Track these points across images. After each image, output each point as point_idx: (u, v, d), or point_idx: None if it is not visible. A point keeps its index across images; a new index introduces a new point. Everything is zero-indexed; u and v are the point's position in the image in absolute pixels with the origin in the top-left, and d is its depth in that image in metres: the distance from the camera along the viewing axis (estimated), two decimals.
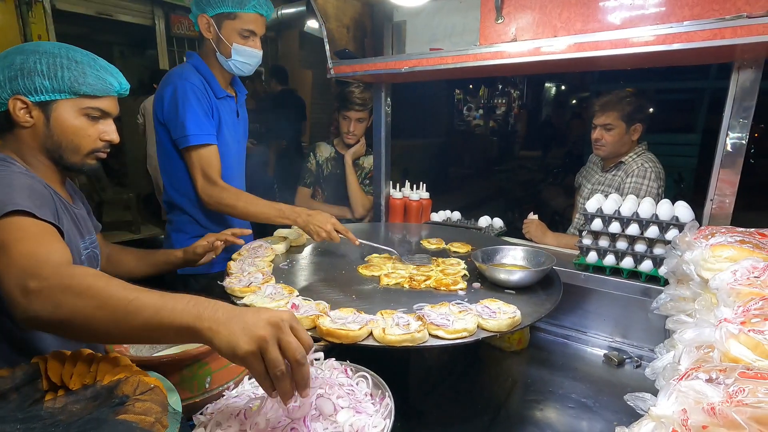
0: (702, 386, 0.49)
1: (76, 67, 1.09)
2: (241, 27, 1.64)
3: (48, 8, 4.41)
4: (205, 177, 1.65)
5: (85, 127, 1.14)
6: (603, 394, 1.37)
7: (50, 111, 1.10)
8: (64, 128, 1.12)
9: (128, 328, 0.72)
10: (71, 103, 1.11)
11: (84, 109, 1.13)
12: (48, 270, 0.77)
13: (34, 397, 0.70)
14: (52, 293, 0.74)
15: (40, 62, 1.06)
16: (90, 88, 1.11)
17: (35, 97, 1.07)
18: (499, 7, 1.45)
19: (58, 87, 1.08)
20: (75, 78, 1.09)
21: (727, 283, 0.78)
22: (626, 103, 2.05)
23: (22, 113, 1.08)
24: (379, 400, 0.84)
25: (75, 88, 1.09)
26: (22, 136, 1.11)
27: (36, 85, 1.06)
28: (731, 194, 1.43)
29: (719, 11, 1.12)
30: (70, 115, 1.12)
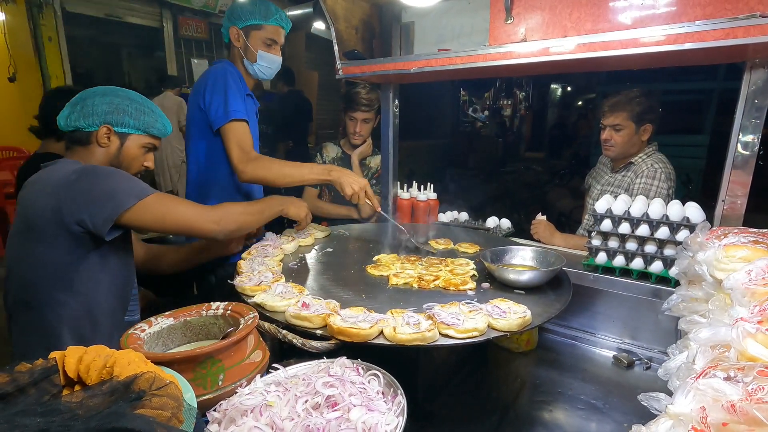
0: (721, 384, 0.49)
1: (151, 114, 1.49)
2: (266, 36, 1.90)
3: (58, 10, 4.47)
4: (240, 148, 1.78)
5: (139, 157, 1.51)
6: (612, 396, 1.37)
7: (125, 140, 1.47)
8: (128, 153, 1.48)
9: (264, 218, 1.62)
10: (140, 138, 1.49)
11: (145, 143, 1.51)
12: (212, 209, 1.45)
13: (52, 392, 0.71)
14: (229, 218, 1.45)
15: (130, 106, 1.45)
16: (156, 131, 1.51)
17: (119, 129, 1.44)
18: (509, 7, 1.45)
19: (137, 125, 1.46)
20: (150, 123, 1.48)
21: (742, 283, 0.77)
22: (636, 104, 2.04)
23: (104, 138, 1.43)
24: (392, 398, 0.84)
25: (148, 129, 1.49)
26: (96, 152, 1.45)
27: (123, 120, 1.43)
28: (743, 195, 1.42)
29: (731, 11, 1.11)
30: (135, 146, 1.49)
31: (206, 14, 5.36)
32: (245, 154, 1.77)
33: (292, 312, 1.14)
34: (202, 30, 5.48)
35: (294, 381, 0.88)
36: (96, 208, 1.25)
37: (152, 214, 1.31)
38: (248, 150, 1.78)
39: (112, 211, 1.26)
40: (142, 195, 1.29)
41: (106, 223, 1.26)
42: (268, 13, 1.88)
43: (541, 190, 5.12)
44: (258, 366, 0.96)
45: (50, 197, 1.27)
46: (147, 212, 1.30)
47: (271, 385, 0.88)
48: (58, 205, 1.25)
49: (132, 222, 1.30)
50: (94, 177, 1.30)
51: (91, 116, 1.40)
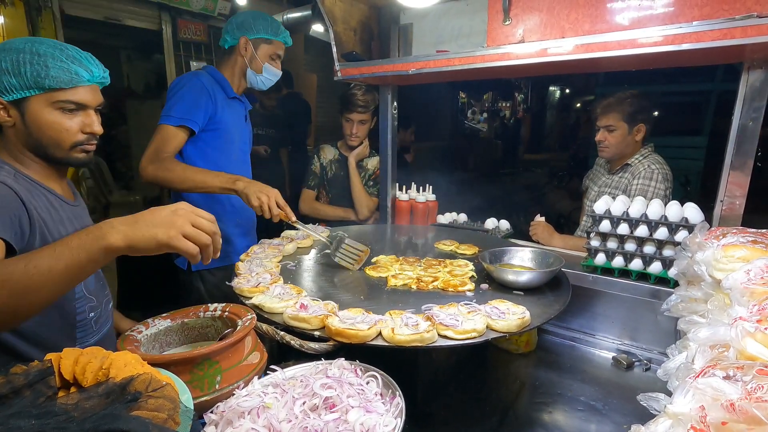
0: (720, 383, 0.49)
1: (38, 61, 1.06)
2: (273, 51, 1.97)
3: (57, 13, 4.47)
4: (155, 149, 1.73)
5: (61, 121, 1.12)
6: (612, 397, 1.36)
7: (24, 108, 1.09)
8: (39, 124, 1.11)
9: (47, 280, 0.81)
10: (42, 98, 1.09)
11: (56, 103, 1.10)
12: None
13: (47, 393, 0.70)
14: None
15: (5, 60, 1.05)
16: (54, 81, 1.08)
17: (7, 96, 1.07)
18: (507, 8, 1.45)
19: (24, 83, 1.06)
20: (38, 72, 1.06)
21: (741, 283, 0.77)
22: (627, 104, 2.05)
23: (1, 114, 1.09)
24: (390, 400, 0.83)
25: (39, 82, 1.07)
26: (8, 135, 1.13)
27: (4, 84, 1.06)
28: (741, 196, 1.42)
29: (729, 11, 1.11)
30: (43, 111, 1.10)
31: (205, 17, 5.35)
32: (155, 154, 1.73)
33: (290, 313, 1.13)
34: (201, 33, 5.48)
35: (292, 382, 0.87)
36: None
37: None
38: (162, 152, 1.73)
39: None
40: None
41: None
42: (278, 30, 1.97)
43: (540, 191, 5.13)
44: (256, 367, 0.95)
45: None
46: None
47: (268, 386, 0.87)
48: None
49: None
50: None
51: None
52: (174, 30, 5.34)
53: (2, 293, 0.79)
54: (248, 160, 2.15)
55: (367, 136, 2.56)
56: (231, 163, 1.99)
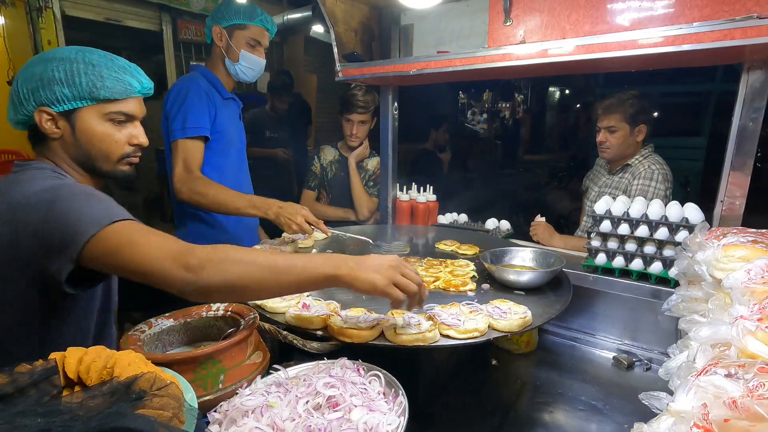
0: (721, 381, 0.49)
1: (92, 71, 1.05)
2: (249, 36, 1.87)
3: (58, 14, 4.47)
4: (185, 166, 1.70)
5: (111, 133, 1.11)
6: (613, 397, 1.36)
7: (75, 120, 1.08)
8: (90, 136, 1.09)
9: (285, 283, 0.91)
10: (94, 109, 1.08)
11: (108, 114, 1.10)
12: (193, 248, 0.89)
13: (52, 392, 0.70)
14: (215, 264, 0.87)
15: (57, 70, 1.03)
16: (109, 92, 1.07)
17: (58, 107, 1.05)
18: (508, 9, 1.46)
19: (78, 94, 1.05)
20: (92, 82, 1.05)
21: (742, 282, 0.78)
22: (629, 105, 2.05)
23: (49, 125, 1.07)
24: (393, 399, 0.84)
25: (94, 93, 1.06)
26: (55, 147, 1.10)
27: (57, 94, 1.04)
28: (741, 196, 1.42)
29: (729, 12, 1.12)
30: (94, 122, 1.09)
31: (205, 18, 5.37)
32: (187, 173, 1.70)
33: (292, 313, 1.13)
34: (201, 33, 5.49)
35: (295, 382, 0.88)
36: (50, 248, 0.93)
37: (107, 248, 0.91)
38: (193, 169, 1.71)
39: (68, 252, 0.92)
40: (105, 222, 0.92)
41: (63, 269, 0.93)
42: (253, 14, 1.86)
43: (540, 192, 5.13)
44: (258, 367, 0.96)
45: (6, 226, 0.96)
46: (103, 245, 0.91)
47: (271, 386, 0.88)
48: (14, 238, 0.95)
49: (90, 261, 0.93)
50: (49, 201, 0.95)
51: (21, 103, 1.05)
52: (174, 31, 5.35)
53: (269, 276, 0.90)
54: (245, 159, 2.12)
55: (367, 137, 2.57)
56: (230, 164, 1.97)
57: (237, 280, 0.88)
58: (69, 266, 0.93)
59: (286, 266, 0.90)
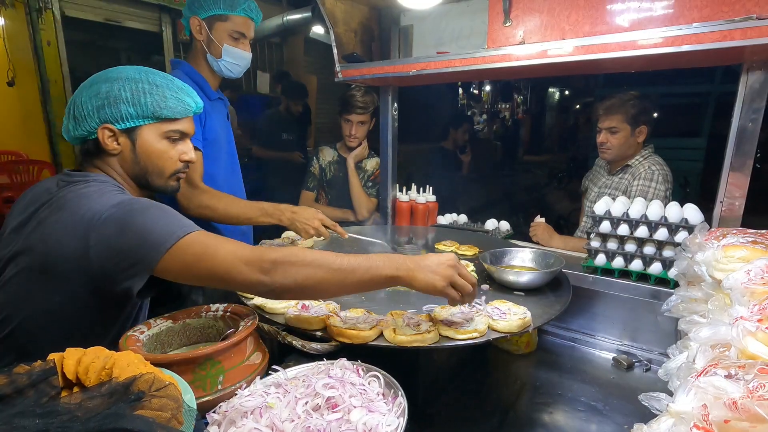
0: (722, 382, 0.49)
1: (156, 92, 1.11)
2: (232, 29, 1.69)
3: (57, 15, 4.48)
4: (186, 180, 1.61)
5: (167, 150, 1.17)
6: (613, 398, 1.36)
7: (136, 137, 1.13)
8: (149, 153, 1.15)
9: (348, 283, 0.97)
10: (154, 127, 1.14)
11: (166, 132, 1.16)
12: (266, 252, 0.96)
13: (50, 393, 0.70)
14: (285, 267, 0.94)
15: (124, 89, 1.09)
16: (171, 111, 1.13)
17: (121, 125, 1.10)
18: (507, 10, 1.46)
19: (142, 113, 1.10)
20: (157, 102, 1.11)
21: (741, 283, 0.78)
22: (630, 106, 2.05)
23: (110, 141, 1.11)
24: (392, 399, 0.84)
25: (157, 112, 1.12)
26: (112, 162, 1.15)
27: (122, 112, 1.09)
28: (741, 197, 1.42)
29: (728, 13, 1.12)
30: (154, 140, 1.15)
31: None
32: (189, 186, 1.61)
33: (291, 314, 1.13)
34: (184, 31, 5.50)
35: (294, 383, 0.88)
36: (125, 262, 0.96)
37: (184, 260, 0.96)
38: (196, 181, 1.63)
39: (143, 265, 0.96)
40: (179, 234, 0.96)
41: (136, 282, 0.97)
42: (234, 3, 1.66)
43: (540, 192, 5.14)
44: (258, 368, 0.95)
45: (78, 240, 0.98)
46: (180, 257, 0.95)
47: (270, 386, 0.87)
48: (86, 252, 0.97)
49: (165, 273, 0.98)
50: (123, 217, 0.98)
51: (84, 120, 1.09)
52: (174, 31, 5.35)
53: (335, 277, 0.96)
54: (236, 161, 1.98)
55: (366, 138, 2.57)
56: (222, 171, 1.84)
57: (305, 281, 0.95)
58: (144, 278, 0.97)
59: (350, 268, 0.96)
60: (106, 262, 0.97)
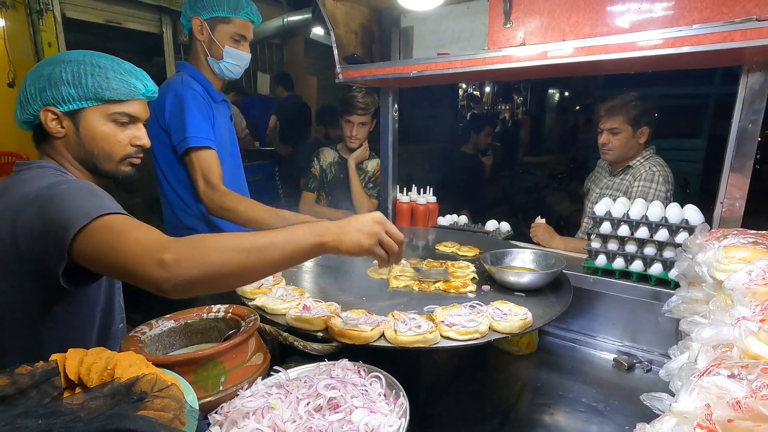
0: (725, 382, 0.49)
1: (99, 73, 1.09)
2: (234, 31, 1.71)
3: (58, 16, 4.48)
4: (206, 181, 1.63)
5: (114, 133, 1.14)
6: (614, 399, 1.36)
7: (79, 120, 1.11)
8: (93, 136, 1.12)
9: (268, 262, 0.88)
10: (98, 109, 1.11)
11: (111, 115, 1.13)
12: (169, 242, 0.85)
13: (53, 394, 0.70)
14: (192, 256, 0.84)
15: (65, 71, 1.07)
16: (114, 93, 1.10)
17: (64, 107, 1.08)
18: (508, 12, 1.46)
19: (84, 94, 1.08)
20: (99, 84, 1.08)
21: (743, 283, 0.78)
22: (632, 107, 2.05)
23: (54, 124, 1.10)
24: (394, 400, 0.84)
25: (99, 93, 1.09)
26: (58, 146, 1.13)
27: (63, 94, 1.07)
28: (741, 198, 1.43)
29: (728, 14, 1.12)
30: (98, 122, 1.12)
31: None
32: (210, 187, 1.62)
33: (293, 314, 1.13)
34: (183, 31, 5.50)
35: (295, 383, 0.88)
36: (45, 244, 0.93)
37: (95, 246, 0.90)
38: (215, 182, 1.63)
39: (59, 247, 0.91)
40: (92, 215, 0.91)
41: (56, 265, 0.93)
42: (238, 6, 1.69)
43: (540, 193, 5.14)
44: (259, 368, 0.96)
45: (8, 224, 0.98)
46: (91, 241, 0.90)
47: (272, 387, 0.87)
48: (15, 236, 0.96)
49: (81, 259, 0.92)
50: (48, 198, 0.96)
51: (28, 103, 1.08)
52: (175, 33, 5.36)
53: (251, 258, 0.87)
54: (240, 163, 1.99)
55: (366, 139, 2.57)
56: (226, 173, 1.79)
57: (217, 269, 0.85)
58: (61, 261, 0.93)
59: (267, 244, 0.87)
60: (32, 244, 0.95)
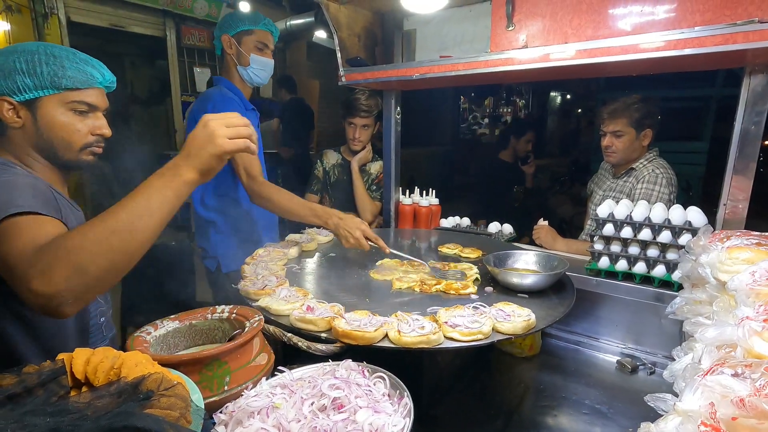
0: (729, 380, 0.49)
1: (54, 62, 1.07)
2: (257, 40, 1.98)
3: (63, 20, 4.52)
4: (248, 174, 1.83)
5: (73, 122, 1.12)
6: (617, 401, 1.36)
7: (36, 109, 1.09)
8: (52, 125, 1.10)
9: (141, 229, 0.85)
10: (56, 98, 1.09)
11: (69, 103, 1.11)
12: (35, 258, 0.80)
13: (60, 393, 0.71)
14: (60, 263, 0.79)
15: (19, 61, 1.05)
16: (71, 81, 1.09)
17: (20, 97, 1.07)
18: (510, 14, 1.47)
19: (40, 83, 1.07)
20: (54, 72, 1.07)
21: (746, 284, 0.78)
22: (635, 110, 2.05)
23: (10, 114, 1.08)
24: (398, 400, 0.84)
25: (56, 82, 1.07)
26: (15, 137, 1.11)
27: (18, 84, 1.05)
28: (744, 199, 1.43)
29: (731, 17, 1.13)
30: (56, 111, 1.10)
31: (209, 24, 5.41)
32: (252, 181, 1.83)
33: (297, 315, 1.14)
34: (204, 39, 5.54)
35: (300, 383, 0.88)
36: None
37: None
38: (255, 176, 1.83)
39: None
40: None
41: None
42: (257, 19, 1.98)
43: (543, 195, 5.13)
44: (264, 368, 0.96)
45: None
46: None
47: (276, 387, 0.88)
48: None
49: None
50: None
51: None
52: (178, 36, 5.39)
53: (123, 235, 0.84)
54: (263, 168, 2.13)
55: (369, 141, 2.58)
56: None
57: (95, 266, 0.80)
58: None
59: (130, 216, 0.84)
60: None
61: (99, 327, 1.26)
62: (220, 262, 2.02)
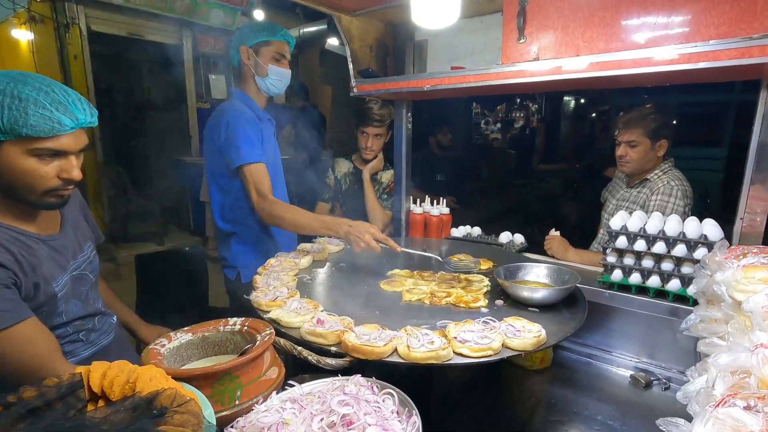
0: (740, 414, 0.49)
1: (18, 107, 0.98)
2: (274, 51, 1.99)
3: (84, 30, 4.65)
4: (258, 192, 1.84)
5: (36, 168, 1.04)
6: (630, 417, 1.34)
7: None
8: (11, 169, 1.03)
9: None
10: (17, 144, 1.01)
11: (32, 150, 1.03)
12: None
13: (77, 406, 0.73)
14: None
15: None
16: (32, 130, 1.00)
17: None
18: (522, 27, 1.47)
19: (1, 128, 0.98)
20: (15, 119, 0.98)
21: (762, 306, 0.76)
22: (651, 120, 2.02)
23: None
24: (406, 418, 0.84)
25: (15, 130, 0.99)
26: None
27: None
28: (762, 212, 1.40)
29: (746, 30, 1.11)
30: (17, 157, 1.02)
31: (224, 32, 5.52)
32: (263, 199, 1.83)
33: (307, 329, 1.15)
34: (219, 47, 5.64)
35: (309, 398, 0.89)
36: None
37: None
38: (265, 192, 1.83)
39: None
40: None
41: None
42: (274, 30, 1.99)
43: (554, 203, 5.08)
44: (274, 383, 0.97)
45: None
46: None
47: (286, 402, 0.89)
48: None
49: None
50: None
51: None
52: (194, 44, 5.50)
53: None
54: (282, 177, 2.16)
55: (381, 150, 2.59)
56: None
57: None
58: None
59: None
60: None
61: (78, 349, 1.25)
62: (240, 272, 2.03)
